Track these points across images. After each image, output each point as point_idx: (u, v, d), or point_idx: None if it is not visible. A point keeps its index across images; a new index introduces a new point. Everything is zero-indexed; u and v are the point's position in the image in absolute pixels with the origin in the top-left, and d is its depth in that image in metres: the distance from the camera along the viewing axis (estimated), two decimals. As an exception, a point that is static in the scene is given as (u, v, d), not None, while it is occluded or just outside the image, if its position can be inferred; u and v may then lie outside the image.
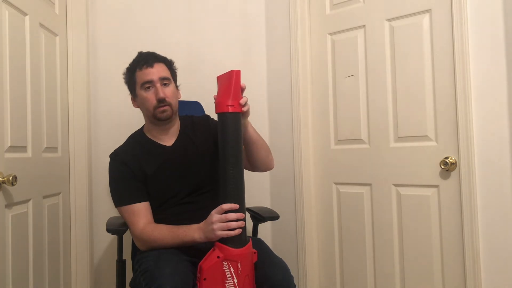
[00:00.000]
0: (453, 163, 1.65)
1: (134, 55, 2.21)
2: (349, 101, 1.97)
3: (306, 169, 2.07)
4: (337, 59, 2.02)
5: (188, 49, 2.26)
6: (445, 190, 1.69)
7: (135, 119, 2.01)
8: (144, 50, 2.18)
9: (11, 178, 1.46)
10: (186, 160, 1.48)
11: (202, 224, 1.29)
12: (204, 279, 1.19)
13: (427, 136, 1.74)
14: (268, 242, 2.15)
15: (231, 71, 1.27)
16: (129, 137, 1.57)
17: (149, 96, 1.43)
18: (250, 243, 1.25)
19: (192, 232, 1.30)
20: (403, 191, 1.80)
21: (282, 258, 1.38)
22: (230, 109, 1.24)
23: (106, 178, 1.51)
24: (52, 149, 1.90)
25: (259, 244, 1.45)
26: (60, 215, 1.97)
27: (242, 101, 1.29)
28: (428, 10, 1.73)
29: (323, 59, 2.06)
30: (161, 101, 1.42)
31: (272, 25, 2.19)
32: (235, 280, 1.18)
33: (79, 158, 2.07)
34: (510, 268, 1.54)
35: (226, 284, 1.18)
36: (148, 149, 1.49)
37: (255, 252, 1.27)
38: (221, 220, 1.23)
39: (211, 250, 1.24)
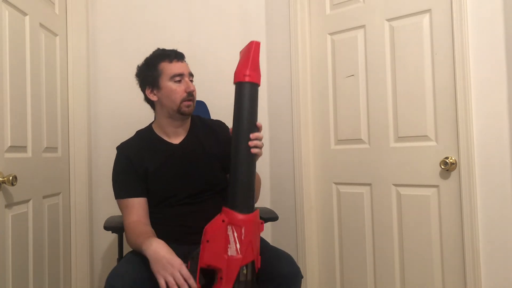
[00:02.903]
0: (453, 163, 1.65)
1: (134, 55, 2.21)
2: (349, 101, 1.97)
3: (306, 169, 2.07)
4: (337, 59, 2.02)
5: (188, 49, 2.24)
6: (445, 190, 1.69)
7: (135, 119, 2.01)
8: (144, 50, 2.20)
9: (11, 178, 1.46)
10: (191, 159, 1.48)
11: (162, 253, 1.21)
12: (207, 241, 1.19)
13: (427, 136, 1.74)
14: (268, 241, 2.14)
15: (251, 42, 1.27)
16: (137, 132, 1.58)
17: (179, 89, 1.45)
18: (257, 212, 1.24)
19: (147, 246, 1.24)
20: (403, 191, 1.81)
21: (283, 258, 1.38)
22: (247, 79, 1.24)
23: (106, 178, 1.51)
24: (52, 149, 1.90)
25: (264, 241, 1.44)
26: (60, 215, 1.97)
27: (259, 134, 1.28)
28: (428, 10, 1.73)
29: (323, 59, 2.06)
30: (190, 95, 1.46)
31: (272, 25, 2.19)
32: (238, 246, 1.17)
33: (79, 158, 2.07)
34: (510, 268, 1.54)
35: (228, 248, 1.18)
36: (154, 145, 1.50)
37: (262, 223, 1.26)
38: (174, 276, 1.17)
39: (218, 215, 1.24)
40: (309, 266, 2.06)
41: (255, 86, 1.26)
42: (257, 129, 1.29)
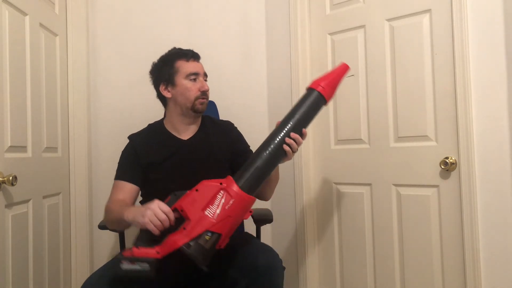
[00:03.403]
0: (453, 163, 1.65)
1: (134, 55, 2.22)
2: (349, 101, 1.97)
3: (306, 169, 2.07)
4: (337, 59, 2.02)
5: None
6: (445, 190, 1.69)
7: (135, 119, 2.01)
8: (144, 50, 2.21)
9: (11, 178, 1.46)
10: (197, 155, 1.50)
11: (139, 207, 1.25)
12: (196, 190, 1.20)
13: (427, 136, 1.74)
14: (268, 242, 2.15)
15: (342, 63, 1.33)
16: (149, 124, 1.62)
17: (194, 87, 1.50)
18: (253, 199, 1.24)
19: (127, 211, 1.25)
20: (403, 191, 1.81)
21: (282, 258, 1.37)
22: (319, 89, 1.28)
23: (107, 178, 1.52)
24: (52, 149, 1.90)
25: (245, 237, 1.47)
26: (60, 215, 1.98)
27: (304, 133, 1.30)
28: (428, 10, 1.73)
29: (323, 59, 2.06)
30: (204, 93, 1.50)
31: (272, 25, 2.19)
32: (217, 211, 1.17)
33: (79, 158, 2.08)
34: (510, 268, 1.54)
35: (208, 208, 1.17)
36: (162, 139, 1.53)
37: (250, 212, 1.25)
38: (157, 214, 1.17)
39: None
40: (309, 266, 2.06)
41: (322, 99, 1.30)
42: (301, 134, 1.30)
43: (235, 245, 1.38)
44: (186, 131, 1.54)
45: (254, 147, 1.38)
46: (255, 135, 1.68)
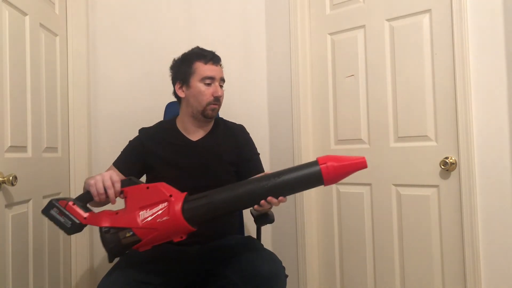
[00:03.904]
0: (453, 163, 1.65)
1: (134, 55, 2.22)
2: (349, 101, 1.97)
3: (306, 169, 2.07)
4: (337, 59, 2.02)
5: (188, 49, 2.26)
6: (445, 190, 1.69)
7: (136, 119, 2.01)
8: (144, 50, 2.21)
9: (11, 178, 1.46)
10: (205, 157, 1.49)
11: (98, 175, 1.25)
12: (147, 188, 1.19)
13: (427, 136, 1.74)
14: (268, 242, 2.15)
15: (362, 158, 1.15)
16: (160, 121, 1.62)
17: (207, 91, 1.47)
18: (189, 228, 1.16)
19: (89, 179, 1.25)
20: (403, 191, 1.81)
21: (282, 259, 1.37)
22: (323, 168, 1.14)
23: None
24: (52, 149, 1.90)
25: (249, 243, 1.44)
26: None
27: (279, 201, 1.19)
28: (428, 10, 1.73)
29: (323, 59, 2.06)
30: (217, 99, 1.48)
31: (272, 25, 2.19)
32: (149, 218, 1.15)
33: (79, 158, 2.08)
34: (510, 268, 1.55)
35: (144, 210, 1.16)
36: (172, 137, 1.52)
37: (182, 237, 1.19)
38: (105, 181, 1.19)
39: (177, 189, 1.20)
40: (309, 266, 2.06)
41: (319, 178, 1.14)
42: (281, 198, 1.19)
43: (238, 250, 1.38)
44: (196, 132, 1.53)
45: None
46: (255, 135, 1.68)
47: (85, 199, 1.22)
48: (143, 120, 1.70)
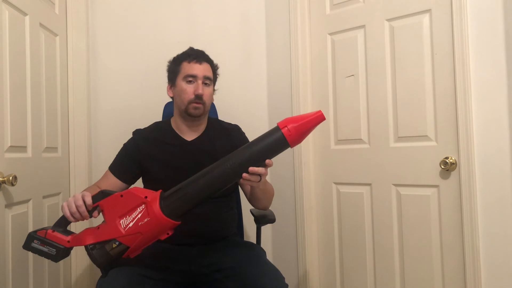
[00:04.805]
0: (453, 163, 1.65)
1: (134, 55, 2.22)
2: (349, 101, 1.97)
3: (306, 169, 2.07)
4: (337, 59, 2.02)
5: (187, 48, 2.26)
6: (445, 190, 1.69)
7: (135, 119, 2.01)
8: (144, 50, 2.21)
9: (11, 178, 1.46)
10: (199, 157, 1.48)
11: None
12: (121, 196, 1.18)
13: (427, 136, 1.74)
14: (268, 242, 2.15)
15: (319, 111, 1.17)
16: (155, 122, 1.62)
17: (188, 89, 1.47)
18: (172, 223, 1.16)
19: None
20: (403, 191, 1.81)
21: (282, 259, 1.37)
22: (285, 131, 1.15)
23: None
24: (52, 149, 1.90)
25: (253, 254, 1.41)
26: (60, 215, 1.97)
27: (268, 164, 1.17)
28: (428, 10, 1.73)
29: (323, 59, 2.06)
30: (198, 98, 1.46)
31: (272, 25, 2.19)
32: (131, 224, 1.15)
33: (79, 158, 2.08)
34: (510, 268, 1.55)
35: (124, 217, 1.16)
36: (166, 137, 1.52)
37: (168, 234, 1.18)
38: (76, 201, 1.19)
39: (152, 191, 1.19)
40: (309, 266, 2.06)
41: (284, 141, 1.15)
42: (268, 162, 1.17)
43: (242, 262, 1.37)
44: (189, 132, 1.53)
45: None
46: (254, 135, 1.67)
47: (63, 223, 1.23)
48: (143, 120, 1.70)
